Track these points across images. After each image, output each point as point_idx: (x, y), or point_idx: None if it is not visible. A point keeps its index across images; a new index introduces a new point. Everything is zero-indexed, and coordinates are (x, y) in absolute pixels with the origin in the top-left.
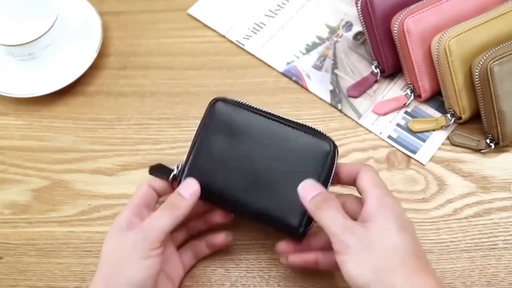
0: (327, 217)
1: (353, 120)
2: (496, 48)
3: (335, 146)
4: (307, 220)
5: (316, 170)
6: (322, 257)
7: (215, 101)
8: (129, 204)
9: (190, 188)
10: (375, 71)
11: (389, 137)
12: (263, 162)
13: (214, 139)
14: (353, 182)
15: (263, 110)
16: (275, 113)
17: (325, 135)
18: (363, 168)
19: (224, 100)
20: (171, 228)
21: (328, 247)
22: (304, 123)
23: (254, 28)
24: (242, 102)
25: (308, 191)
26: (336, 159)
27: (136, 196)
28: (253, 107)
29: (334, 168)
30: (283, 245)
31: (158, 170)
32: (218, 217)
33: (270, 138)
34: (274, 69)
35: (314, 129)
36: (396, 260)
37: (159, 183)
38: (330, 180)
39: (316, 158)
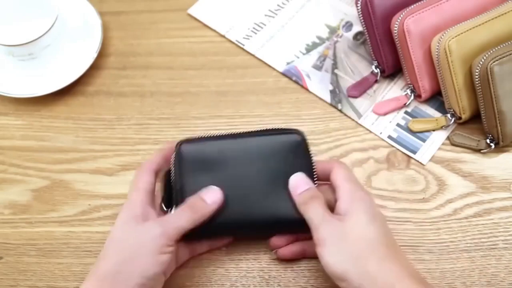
0: (311, 212)
1: (353, 120)
2: (496, 48)
3: (302, 134)
4: None
5: (298, 161)
6: (308, 246)
7: (179, 144)
8: (137, 190)
9: (213, 195)
10: (375, 71)
11: (389, 137)
12: (249, 178)
13: (195, 180)
14: (327, 178)
15: (226, 133)
16: (237, 131)
17: (290, 129)
18: (336, 165)
19: (187, 141)
20: (188, 230)
21: (311, 237)
22: (266, 128)
23: (254, 28)
24: (204, 136)
25: (299, 184)
26: (308, 143)
27: (144, 182)
28: (215, 136)
29: (310, 152)
30: (274, 240)
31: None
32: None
33: (244, 154)
34: (274, 69)
35: (278, 128)
36: (367, 249)
37: (159, 166)
38: (313, 164)
39: (292, 151)
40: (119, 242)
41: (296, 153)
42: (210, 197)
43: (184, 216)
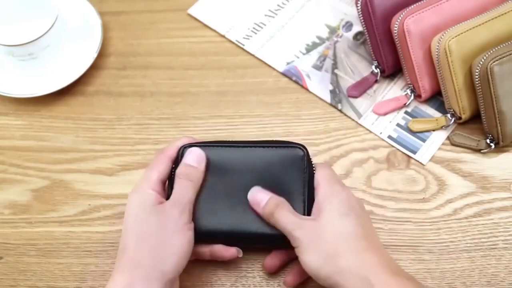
0: (281, 220)
1: (353, 120)
2: (496, 48)
3: (306, 149)
4: None
5: (299, 175)
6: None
7: (182, 149)
8: (149, 180)
9: (195, 157)
10: (375, 71)
11: (389, 137)
12: (245, 187)
13: None
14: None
15: (229, 141)
16: (241, 140)
17: (293, 142)
18: (318, 167)
19: (190, 145)
20: (194, 198)
21: None
22: (270, 139)
23: (254, 28)
24: (207, 142)
25: (258, 199)
26: (311, 159)
27: (157, 171)
28: (219, 142)
29: (313, 169)
30: (268, 261)
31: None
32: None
33: (246, 164)
34: (274, 69)
35: (282, 141)
36: (340, 244)
37: (174, 153)
38: (313, 180)
39: (294, 165)
40: (141, 230)
41: (296, 167)
42: (194, 160)
43: (186, 189)
